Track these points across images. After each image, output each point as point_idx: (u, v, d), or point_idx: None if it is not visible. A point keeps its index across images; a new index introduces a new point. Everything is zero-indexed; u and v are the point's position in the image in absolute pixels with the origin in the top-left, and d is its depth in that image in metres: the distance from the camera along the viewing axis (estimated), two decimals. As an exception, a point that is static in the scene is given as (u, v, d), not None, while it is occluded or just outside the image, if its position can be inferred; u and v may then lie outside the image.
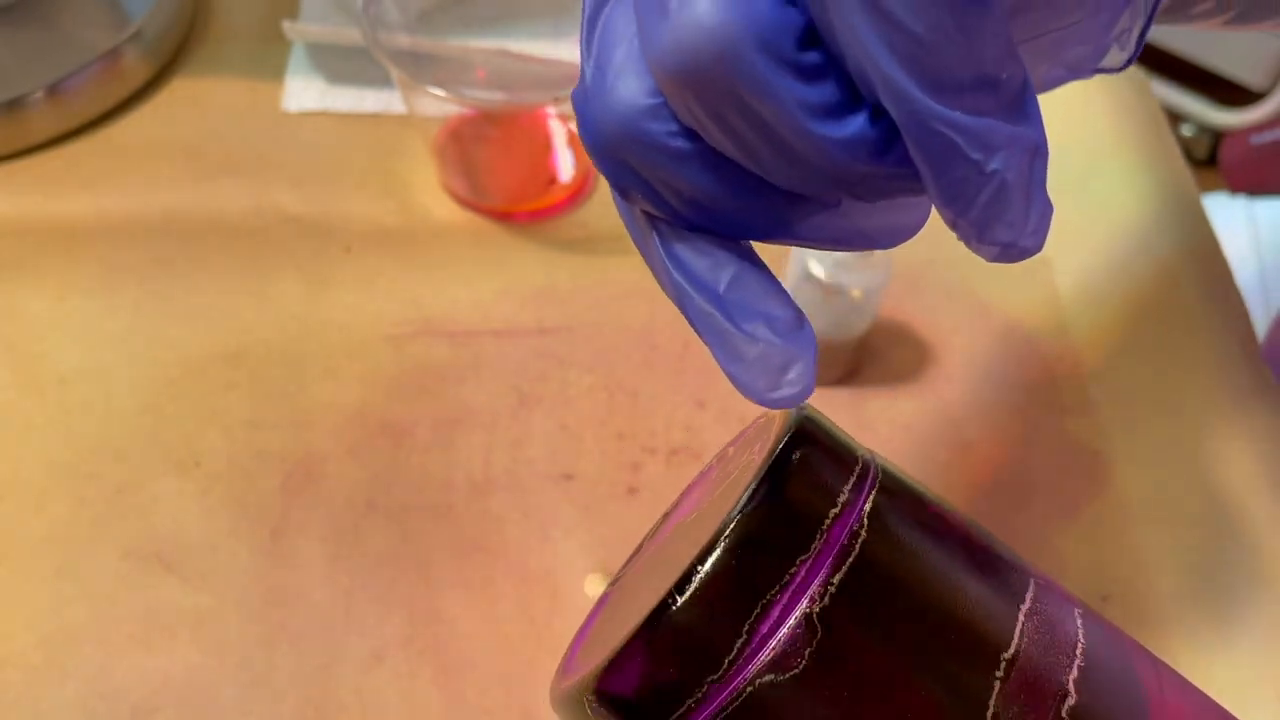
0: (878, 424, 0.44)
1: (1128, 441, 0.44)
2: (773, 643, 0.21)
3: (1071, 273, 0.49)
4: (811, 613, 0.21)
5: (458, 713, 0.36)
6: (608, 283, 0.47)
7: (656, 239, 0.20)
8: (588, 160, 0.51)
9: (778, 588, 0.21)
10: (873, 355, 0.46)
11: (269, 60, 0.55)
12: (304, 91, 0.54)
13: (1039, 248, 0.17)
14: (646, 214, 0.20)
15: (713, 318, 0.19)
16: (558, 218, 0.50)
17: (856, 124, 0.17)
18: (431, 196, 0.50)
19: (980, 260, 0.18)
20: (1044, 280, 0.49)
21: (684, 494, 0.31)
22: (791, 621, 0.21)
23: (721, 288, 0.19)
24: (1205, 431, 0.44)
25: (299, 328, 0.45)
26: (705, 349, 0.20)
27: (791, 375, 0.19)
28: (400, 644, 0.38)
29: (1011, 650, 0.22)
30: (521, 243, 0.49)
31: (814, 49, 0.16)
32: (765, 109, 0.16)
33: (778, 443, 0.23)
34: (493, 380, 0.44)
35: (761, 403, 0.19)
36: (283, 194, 0.50)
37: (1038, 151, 0.17)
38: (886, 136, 0.17)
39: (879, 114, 0.17)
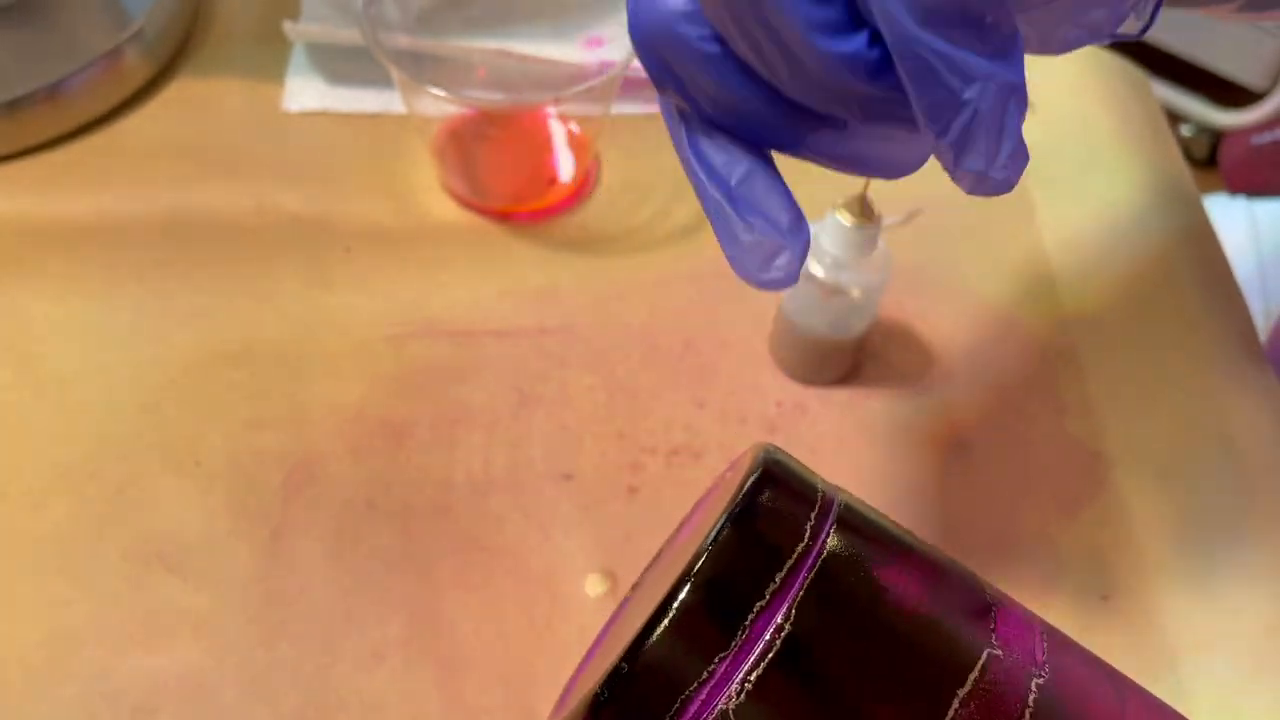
0: (878, 424, 0.44)
1: (1128, 441, 0.44)
2: None
3: (1071, 272, 0.49)
4: (728, 710, 0.21)
5: (458, 713, 0.36)
6: (608, 283, 0.47)
7: (684, 132, 0.23)
8: (588, 160, 0.51)
9: (696, 684, 0.22)
10: (873, 355, 0.46)
11: (269, 60, 0.55)
12: (304, 91, 0.54)
13: (1009, 185, 0.19)
14: (680, 110, 0.22)
15: (720, 205, 0.22)
16: (558, 218, 0.50)
17: (856, 43, 0.19)
18: (431, 196, 0.50)
19: (980, 260, 0.19)
20: (1044, 279, 0.49)
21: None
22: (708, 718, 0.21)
23: (733, 181, 0.22)
24: (1206, 430, 0.44)
25: (299, 328, 0.45)
26: (705, 349, 0.21)
27: (780, 262, 0.21)
28: (400, 644, 0.38)
29: (967, 687, 0.22)
30: (521, 243, 0.49)
31: None
32: (780, 21, 0.19)
33: (717, 523, 0.23)
34: (493, 380, 0.44)
35: (752, 283, 0.22)
36: (283, 194, 0.50)
37: (1014, 92, 0.19)
38: (882, 59, 0.19)
39: (877, 39, 0.19)
